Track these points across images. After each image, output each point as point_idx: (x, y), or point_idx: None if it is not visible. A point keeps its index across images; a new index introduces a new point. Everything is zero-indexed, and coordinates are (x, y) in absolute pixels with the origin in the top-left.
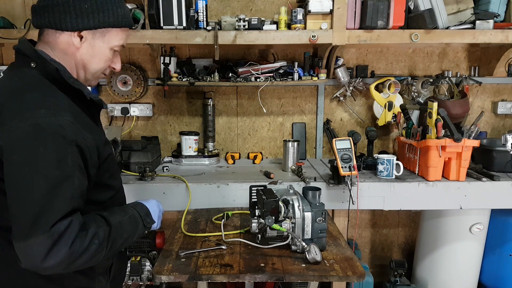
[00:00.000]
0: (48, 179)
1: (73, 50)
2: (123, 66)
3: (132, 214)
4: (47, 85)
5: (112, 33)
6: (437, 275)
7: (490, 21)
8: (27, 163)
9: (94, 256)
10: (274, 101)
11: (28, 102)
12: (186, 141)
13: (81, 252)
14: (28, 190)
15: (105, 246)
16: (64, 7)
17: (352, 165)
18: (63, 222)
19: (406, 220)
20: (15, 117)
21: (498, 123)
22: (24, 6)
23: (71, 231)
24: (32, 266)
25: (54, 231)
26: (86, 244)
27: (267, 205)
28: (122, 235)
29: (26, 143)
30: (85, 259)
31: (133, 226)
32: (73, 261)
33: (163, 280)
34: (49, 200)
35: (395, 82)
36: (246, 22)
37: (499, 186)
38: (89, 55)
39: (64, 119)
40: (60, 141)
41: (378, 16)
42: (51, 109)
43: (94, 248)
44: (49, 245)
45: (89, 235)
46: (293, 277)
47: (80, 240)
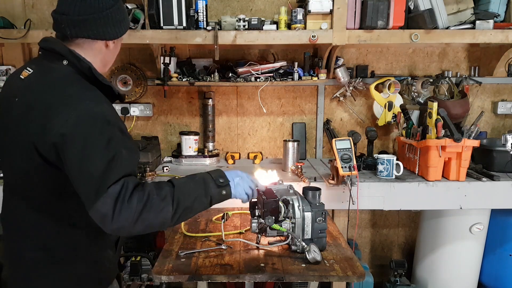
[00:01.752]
0: (103, 157)
1: (104, 52)
2: (123, 66)
3: (200, 176)
4: (82, 80)
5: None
6: (437, 275)
7: (490, 21)
8: (86, 146)
9: (160, 212)
10: (274, 101)
11: (73, 95)
12: (186, 141)
13: (142, 206)
14: (89, 167)
15: (170, 203)
16: (106, 18)
17: (352, 165)
18: (118, 183)
19: (406, 220)
20: (71, 110)
21: (498, 123)
22: (24, 6)
23: (126, 188)
24: (110, 230)
25: (111, 191)
26: (145, 198)
27: (267, 205)
28: (189, 194)
29: (85, 130)
30: (150, 215)
31: (201, 185)
32: (137, 216)
33: (163, 280)
34: (105, 172)
35: (395, 82)
36: (246, 22)
37: (499, 186)
38: (112, 55)
39: (106, 107)
40: (106, 125)
41: (378, 16)
42: (94, 101)
43: (156, 203)
44: (111, 204)
45: (147, 191)
46: (293, 277)
47: (137, 196)
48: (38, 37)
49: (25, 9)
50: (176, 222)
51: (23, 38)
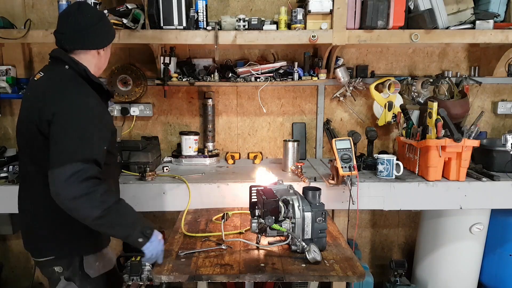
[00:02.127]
0: (78, 133)
1: (97, 58)
2: (123, 66)
3: (139, 217)
4: (79, 79)
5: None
6: (437, 275)
7: (490, 21)
8: (69, 122)
9: (90, 209)
10: (274, 101)
11: (69, 89)
12: (186, 141)
13: (85, 193)
14: (64, 138)
15: (102, 210)
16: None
17: (352, 165)
18: (82, 163)
19: (406, 220)
20: (63, 98)
21: (498, 123)
22: (24, 6)
23: (86, 171)
24: (53, 192)
25: (74, 166)
26: (92, 190)
27: (267, 205)
28: (119, 217)
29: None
30: (84, 204)
31: (133, 221)
32: (76, 197)
33: (163, 280)
34: (76, 147)
35: (395, 82)
36: (246, 22)
37: (499, 186)
38: (104, 60)
39: (91, 100)
40: (89, 113)
41: (378, 16)
42: (84, 94)
43: (94, 200)
44: (67, 175)
45: (97, 186)
46: (293, 277)
47: (89, 184)
48: (38, 37)
49: (25, 9)
50: (95, 225)
51: (23, 38)
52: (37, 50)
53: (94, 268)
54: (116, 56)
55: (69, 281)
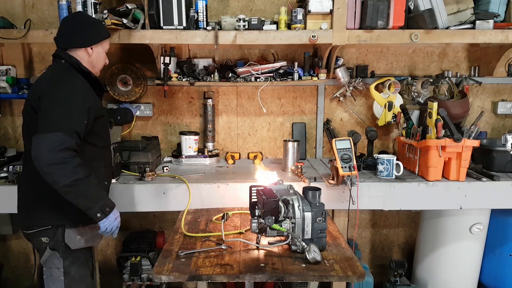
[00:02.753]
0: (62, 108)
1: (87, 57)
2: (123, 66)
3: (104, 195)
4: (72, 69)
5: (104, 42)
6: (437, 275)
7: (490, 21)
8: (55, 97)
9: (60, 176)
10: (274, 101)
11: (61, 74)
12: (186, 141)
13: (59, 161)
14: (48, 110)
15: (71, 179)
16: (77, 35)
17: (352, 165)
18: (64, 134)
19: (406, 220)
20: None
21: (498, 123)
22: (24, 6)
23: (65, 142)
24: (33, 156)
25: (56, 135)
26: (67, 161)
27: (267, 205)
28: (85, 190)
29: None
30: (57, 171)
31: (96, 197)
32: (51, 163)
33: (163, 280)
34: (60, 119)
35: (395, 82)
36: (246, 22)
37: (499, 186)
38: (96, 59)
39: (77, 81)
40: (73, 92)
41: (378, 16)
42: (72, 77)
43: (66, 170)
44: (49, 142)
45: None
46: (293, 277)
47: (66, 154)
48: (38, 37)
49: (25, 9)
50: (63, 192)
51: (23, 38)
52: (37, 50)
53: (74, 241)
54: (116, 56)
55: (53, 250)
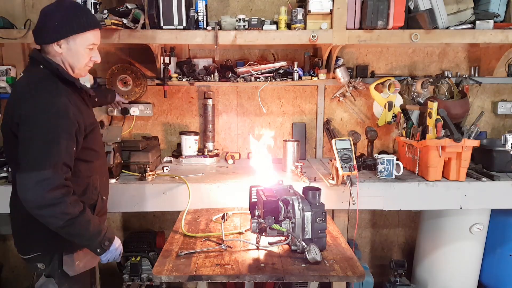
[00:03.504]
0: (44, 137)
1: (59, 54)
2: (123, 66)
3: (102, 228)
4: (51, 78)
5: (81, 36)
6: (437, 275)
7: (490, 21)
8: (35, 125)
9: (53, 218)
10: (274, 101)
11: (39, 89)
12: (186, 141)
13: (48, 204)
14: (31, 143)
15: (64, 221)
16: (44, 28)
17: (352, 165)
18: (50, 171)
19: (406, 220)
20: (31, 99)
21: (498, 123)
22: (24, 6)
23: (52, 181)
24: (20, 196)
25: (42, 174)
26: (56, 202)
27: (267, 205)
28: (80, 229)
29: (36, 114)
30: (47, 213)
31: (93, 233)
32: (39, 206)
33: (163, 280)
34: (43, 151)
35: (395, 82)
36: (246, 22)
37: (499, 186)
38: (70, 56)
39: (60, 100)
40: (56, 114)
41: (378, 16)
42: (52, 93)
43: (56, 211)
44: (33, 183)
45: (63, 198)
46: (293, 277)
47: (55, 195)
48: None
49: (25, 9)
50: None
51: (23, 38)
52: None
53: (73, 267)
54: (116, 56)
55: (49, 277)
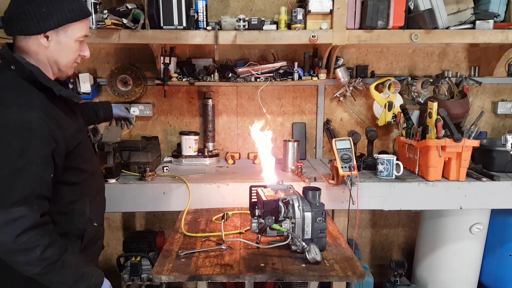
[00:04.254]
0: (11, 164)
1: (43, 50)
2: (123, 66)
3: (83, 271)
4: (23, 84)
5: (73, 27)
6: (437, 275)
7: (490, 21)
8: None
9: (29, 265)
10: (274, 101)
11: (4, 99)
12: (186, 141)
13: (21, 249)
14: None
15: (41, 268)
16: (26, 15)
17: (352, 165)
18: (21, 208)
19: (406, 220)
20: None
21: (498, 123)
22: None
23: (25, 221)
24: None
25: (10, 212)
26: (30, 247)
27: (267, 205)
28: (63, 274)
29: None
30: (21, 260)
31: (77, 281)
32: (13, 250)
33: (163, 280)
34: (10, 182)
35: (395, 82)
36: (246, 22)
37: (499, 186)
38: (57, 51)
39: (33, 115)
40: (26, 134)
41: (378, 16)
42: (23, 106)
43: (31, 258)
44: (1, 223)
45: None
46: (293, 277)
47: (27, 238)
48: None
49: None
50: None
51: None
52: None
53: None
54: (116, 56)
55: None
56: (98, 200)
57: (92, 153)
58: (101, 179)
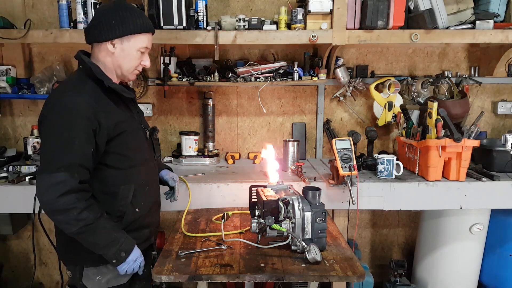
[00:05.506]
0: (58, 137)
1: (110, 55)
2: None
3: (117, 236)
4: (83, 78)
5: (135, 38)
6: (437, 275)
7: (490, 21)
8: (51, 125)
9: (67, 224)
10: (274, 101)
11: (65, 88)
12: (186, 141)
13: (62, 208)
14: (46, 144)
15: (78, 227)
16: (99, 26)
17: (352, 165)
18: (64, 173)
19: (406, 220)
20: (53, 98)
21: (498, 123)
22: (24, 6)
23: (65, 185)
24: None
25: (54, 176)
26: (69, 208)
27: (267, 205)
28: (94, 236)
29: (53, 113)
30: (61, 219)
31: (107, 242)
32: (53, 210)
33: (163, 280)
34: (57, 152)
35: (395, 82)
36: (246, 22)
37: (499, 186)
38: (121, 57)
39: (81, 98)
40: (74, 113)
41: (378, 16)
42: (75, 92)
43: (70, 217)
44: (46, 186)
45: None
46: (293, 277)
47: (67, 199)
48: (38, 37)
49: (25, 9)
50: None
51: (23, 38)
52: (37, 50)
53: (93, 282)
54: None
55: (72, 287)
56: (147, 190)
57: (141, 146)
58: (153, 172)
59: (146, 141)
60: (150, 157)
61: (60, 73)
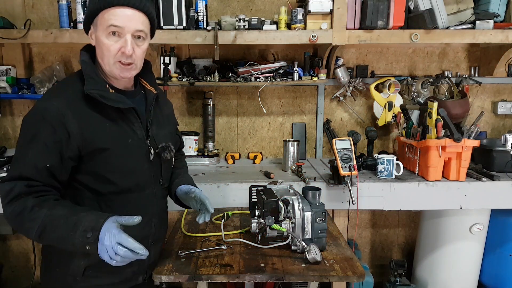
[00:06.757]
0: (19, 146)
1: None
2: None
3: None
4: (73, 80)
5: (99, 19)
6: (437, 275)
7: (490, 21)
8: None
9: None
10: (274, 101)
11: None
12: (186, 141)
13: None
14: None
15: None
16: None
17: (352, 165)
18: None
19: (406, 220)
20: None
21: (498, 123)
22: (24, 6)
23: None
24: None
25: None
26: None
27: (267, 205)
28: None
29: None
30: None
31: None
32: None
33: (163, 280)
34: (13, 162)
35: (395, 82)
36: (246, 22)
37: (499, 186)
38: (99, 48)
39: (53, 103)
40: (39, 121)
41: (378, 16)
42: (53, 95)
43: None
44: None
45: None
46: (293, 277)
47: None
48: (38, 37)
49: (25, 9)
50: (43, 242)
51: (23, 38)
52: (37, 50)
53: None
54: None
55: None
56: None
57: (136, 169)
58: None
59: (149, 162)
60: (149, 182)
61: (60, 73)
